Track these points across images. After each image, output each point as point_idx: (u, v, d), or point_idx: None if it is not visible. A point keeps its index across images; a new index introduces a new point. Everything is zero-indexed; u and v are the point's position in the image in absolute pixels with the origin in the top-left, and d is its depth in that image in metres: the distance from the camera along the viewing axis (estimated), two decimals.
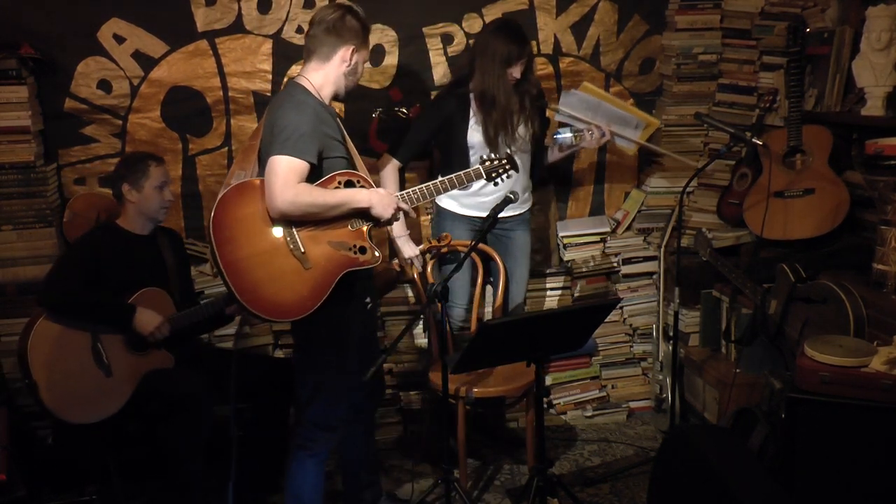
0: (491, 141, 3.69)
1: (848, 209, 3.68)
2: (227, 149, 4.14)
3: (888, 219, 3.22)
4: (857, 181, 3.69)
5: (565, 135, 3.87)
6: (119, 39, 3.94)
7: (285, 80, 4.00)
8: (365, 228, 2.96)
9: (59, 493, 3.62)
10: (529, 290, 4.28)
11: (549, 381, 4.32)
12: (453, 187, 3.15)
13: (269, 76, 4.09)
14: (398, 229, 3.75)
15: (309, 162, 2.80)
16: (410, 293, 4.22)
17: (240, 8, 4.01)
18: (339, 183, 2.91)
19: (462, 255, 3.29)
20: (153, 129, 4.06)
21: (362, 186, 2.95)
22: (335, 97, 3.03)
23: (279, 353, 4.19)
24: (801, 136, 3.82)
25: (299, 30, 4.05)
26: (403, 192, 3.07)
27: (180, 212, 4.11)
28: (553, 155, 4.00)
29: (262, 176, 2.85)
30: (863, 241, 3.57)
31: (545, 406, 4.12)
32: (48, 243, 3.82)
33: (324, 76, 2.97)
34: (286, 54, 4.08)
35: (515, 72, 3.66)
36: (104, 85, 3.97)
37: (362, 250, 2.93)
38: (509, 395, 3.80)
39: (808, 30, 3.98)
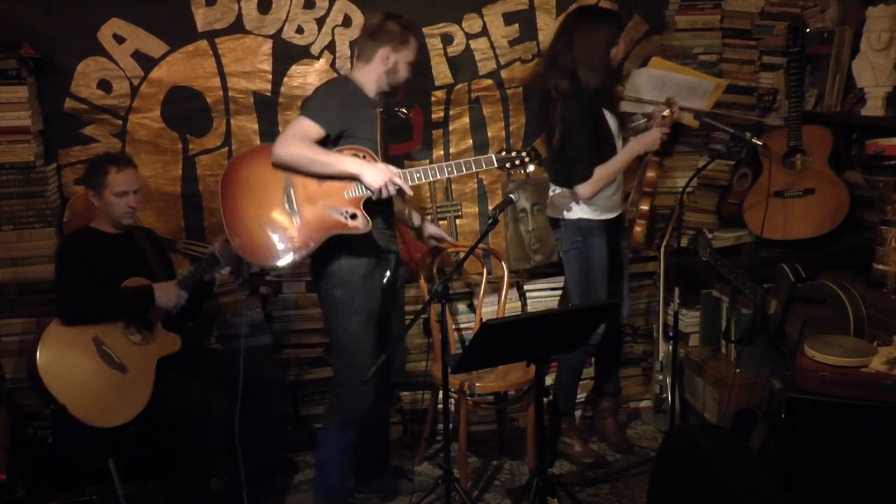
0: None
1: (848, 209, 3.68)
2: (227, 149, 4.14)
3: (888, 219, 3.22)
4: (856, 181, 3.70)
5: (639, 121, 3.85)
6: (119, 39, 3.94)
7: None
8: (360, 197, 3.15)
9: (58, 494, 3.62)
10: (529, 290, 4.29)
11: (549, 381, 4.31)
12: (459, 171, 3.24)
13: (269, 76, 4.09)
14: (416, 219, 3.73)
15: (322, 127, 3.12)
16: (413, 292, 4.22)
17: (240, 8, 4.01)
18: (349, 154, 3.17)
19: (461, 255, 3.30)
20: (153, 129, 4.06)
21: (369, 161, 3.16)
22: (381, 93, 3.33)
23: (281, 354, 4.18)
24: (801, 136, 3.82)
25: (299, 30, 4.06)
26: (406, 170, 3.20)
27: (180, 211, 4.11)
28: None
29: None
30: (863, 242, 3.57)
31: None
32: (48, 243, 3.82)
33: (366, 74, 3.30)
34: (286, 54, 4.08)
35: (619, 52, 3.67)
36: (104, 85, 3.97)
37: (353, 217, 3.14)
38: (510, 388, 3.84)
39: (808, 30, 3.98)
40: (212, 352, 3.91)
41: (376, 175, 3.10)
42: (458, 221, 4.35)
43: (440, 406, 3.68)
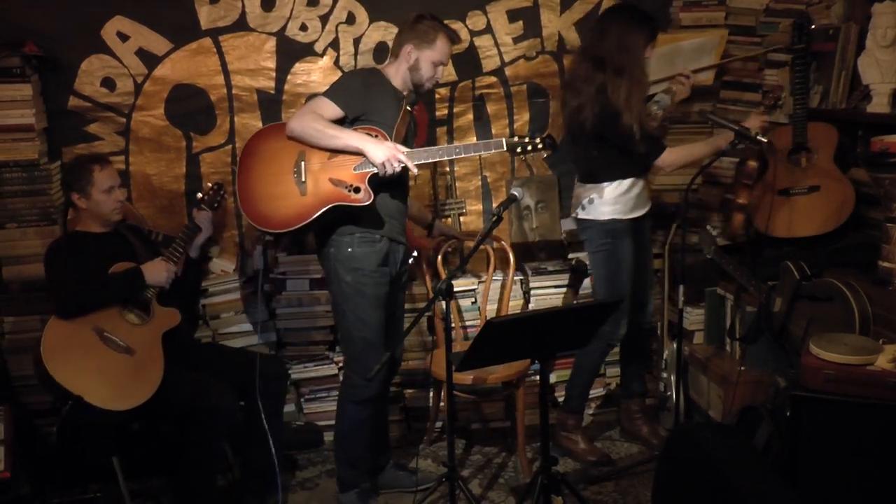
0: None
1: (853, 206, 3.66)
2: (230, 146, 4.14)
3: (894, 216, 3.20)
4: (862, 178, 3.68)
5: (663, 97, 3.82)
6: (123, 37, 3.95)
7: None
8: (367, 173, 3.23)
9: (62, 491, 3.63)
10: (533, 287, 4.28)
11: (553, 378, 4.31)
12: (467, 153, 3.41)
13: (273, 73, 4.09)
14: (428, 216, 3.82)
15: (340, 107, 3.25)
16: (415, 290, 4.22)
17: (243, 5, 4.01)
18: (363, 133, 3.27)
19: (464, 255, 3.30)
20: (157, 126, 4.06)
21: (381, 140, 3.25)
22: (409, 89, 3.41)
23: (285, 351, 4.19)
24: (807, 134, 3.80)
25: (303, 27, 4.06)
26: (413, 149, 3.30)
27: (184, 209, 4.11)
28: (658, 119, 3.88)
29: None
30: (868, 239, 3.56)
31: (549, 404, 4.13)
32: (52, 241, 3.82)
33: (393, 69, 3.40)
34: (290, 52, 4.08)
35: (649, 53, 3.66)
36: (108, 83, 3.98)
37: (357, 190, 3.24)
38: (504, 380, 3.83)
39: (813, 26, 3.96)
40: (216, 347, 3.90)
41: (380, 151, 3.18)
42: (462, 219, 4.35)
43: (442, 404, 3.68)
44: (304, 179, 3.28)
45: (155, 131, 4.07)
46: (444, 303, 3.05)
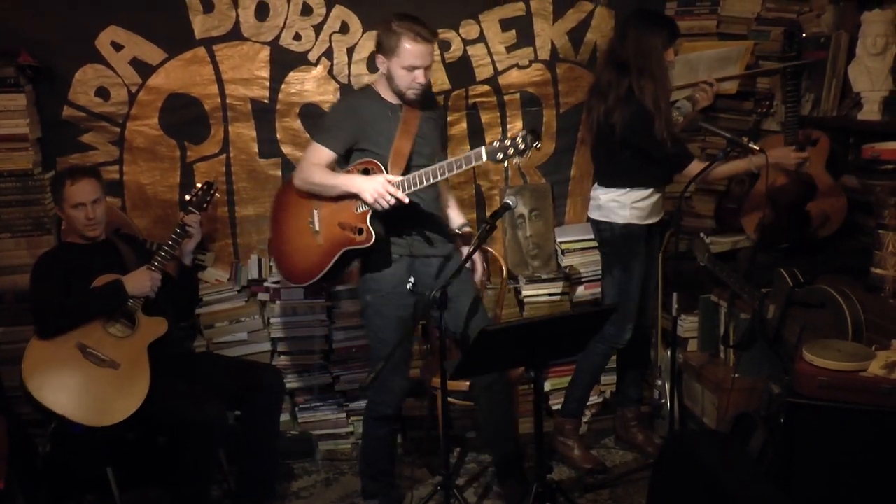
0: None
1: (845, 213, 3.69)
2: (224, 156, 4.14)
3: (885, 223, 3.22)
4: (854, 185, 3.70)
5: (684, 104, 3.83)
6: (117, 47, 3.95)
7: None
8: (368, 213, 3.21)
9: (57, 502, 3.61)
10: (527, 295, 4.28)
11: (548, 386, 4.32)
12: (451, 171, 3.13)
13: (267, 83, 4.10)
14: (454, 223, 3.65)
15: (331, 148, 3.27)
16: None
17: (237, 15, 4.02)
18: (357, 170, 3.27)
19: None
20: (151, 136, 4.06)
21: (375, 174, 3.20)
22: (399, 96, 3.32)
23: (279, 360, 4.18)
24: (799, 141, 3.82)
25: (297, 37, 4.06)
26: (402, 177, 3.19)
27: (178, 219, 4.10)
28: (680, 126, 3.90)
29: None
30: (860, 245, 3.58)
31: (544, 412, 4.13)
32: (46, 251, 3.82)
33: (380, 82, 3.36)
34: (284, 61, 4.09)
35: (670, 55, 3.65)
36: (102, 92, 3.98)
37: (360, 231, 3.23)
38: None
39: (804, 35, 3.99)
40: (211, 357, 3.90)
41: (371, 189, 3.14)
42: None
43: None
44: (317, 229, 3.34)
45: (149, 141, 4.07)
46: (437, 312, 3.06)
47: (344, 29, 4.09)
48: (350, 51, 4.11)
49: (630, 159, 3.66)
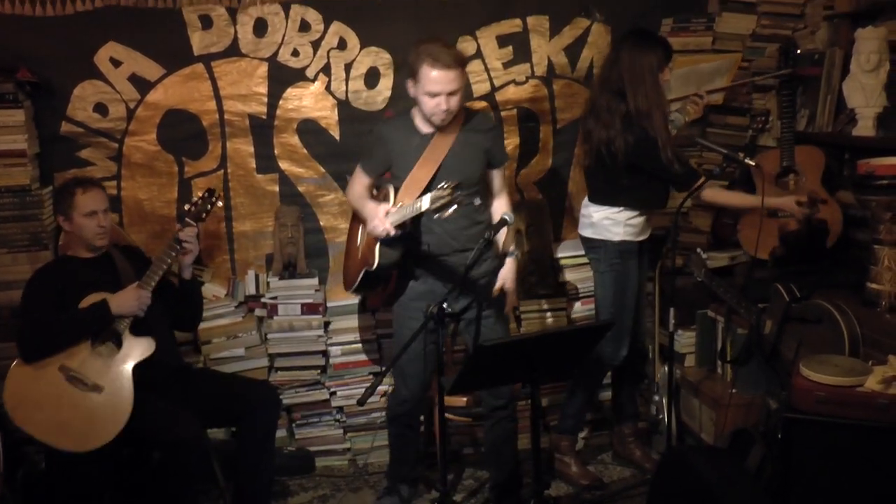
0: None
1: (841, 228, 3.70)
2: (222, 171, 4.15)
3: (881, 238, 3.23)
4: (849, 201, 3.71)
5: (677, 116, 3.84)
6: (116, 63, 3.96)
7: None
8: (375, 239, 3.37)
9: None
10: (524, 311, 4.29)
11: (545, 402, 4.31)
12: (407, 212, 3.19)
13: (265, 99, 4.11)
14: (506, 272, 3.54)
15: (367, 173, 3.48)
16: None
17: (236, 31, 4.04)
18: (379, 196, 3.50)
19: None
20: (149, 152, 4.07)
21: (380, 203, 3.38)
22: (430, 123, 3.32)
23: (277, 376, 4.17)
24: (794, 157, 3.84)
25: (295, 53, 4.08)
26: (398, 206, 3.28)
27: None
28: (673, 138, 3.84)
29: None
30: (856, 260, 3.58)
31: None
32: None
33: (415, 108, 3.38)
34: (281, 77, 4.10)
35: (666, 75, 3.65)
36: (100, 108, 3.99)
37: (372, 254, 3.40)
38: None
39: (798, 51, 4.01)
40: (207, 373, 3.86)
41: (370, 220, 3.31)
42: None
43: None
44: (359, 244, 3.60)
45: (147, 156, 4.07)
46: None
47: (342, 45, 4.11)
48: (348, 67, 4.12)
49: (631, 181, 3.66)
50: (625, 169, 3.61)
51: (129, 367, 3.27)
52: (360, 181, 3.50)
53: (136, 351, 3.30)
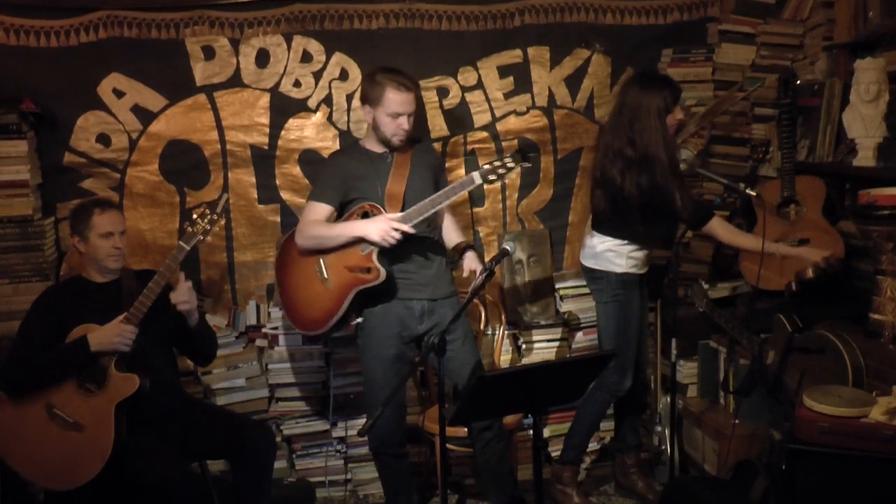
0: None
1: (843, 259, 3.69)
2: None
3: (883, 268, 3.23)
4: (851, 231, 3.71)
5: (688, 154, 3.86)
6: (119, 94, 3.99)
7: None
8: (373, 252, 3.40)
9: None
10: (525, 341, 4.27)
11: (547, 433, 4.29)
12: (448, 199, 3.39)
13: (267, 129, 4.13)
14: (451, 240, 3.74)
15: (327, 203, 3.46)
16: None
17: (238, 62, 4.06)
18: (357, 215, 3.46)
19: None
20: (151, 182, 4.08)
21: (375, 215, 3.42)
22: (385, 144, 3.51)
23: (277, 407, 4.15)
24: (795, 187, 3.85)
25: (296, 83, 4.11)
26: (402, 213, 3.41)
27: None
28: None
29: None
30: (858, 291, 3.58)
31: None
32: None
33: (367, 135, 3.59)
34: (283, 108, 4.13)
35: (678, 113, 3.66)
36: (103, 139, 4.01)
37: (368, 270, 3.39)
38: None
39: (798, 82, 4.04)
40: (207, 408, 3.75)
41: (375, 229, 3.34)
42: (454, 273, 4.35)
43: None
44: (326, 276, 3.47)
45: (149, 187, 4.09)
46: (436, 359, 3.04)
47: (343, 76, 4.14)
48: (349, 97, 4.15)
49: (650, 227, 3.65)
50: (639, 213, 3.60)
51: (111, 405, 3.17)
52: (318, 214, 3.47)
53: (119, 389, 3.18)
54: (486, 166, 3.37)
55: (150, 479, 3.11)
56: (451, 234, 3.75)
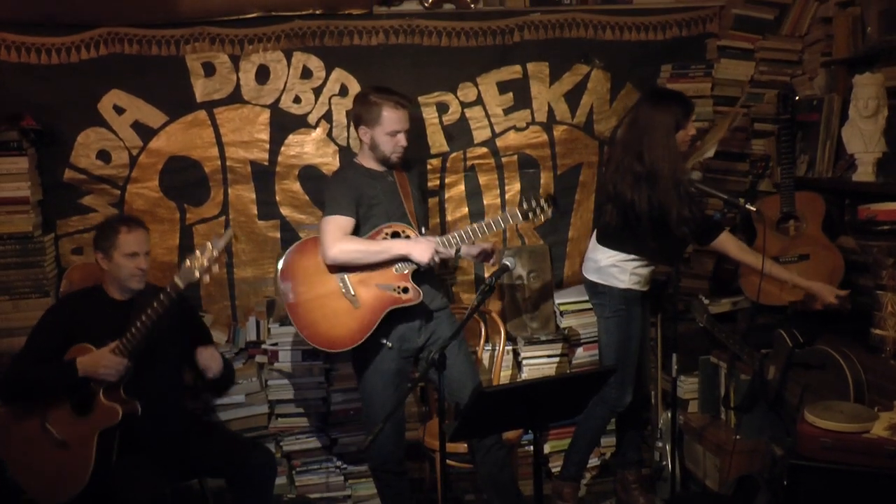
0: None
1: (843, 274, 3.69)
2: (224, 218, 4.16)
3: (884, 283, 3.23)
4: (850, 246, 3.71)
5: (696, 174, 3.86)
6: (119, 110, 4.00)
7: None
8: (408, 271, 3.44)
9: None
10: (525, 357, 4.27)
11: (547, 448, 4.27)
12: (490, 230, 3.52)
13: (267, 145, 4.14)
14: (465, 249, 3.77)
15: (346, 214, 3.40)
16: None
17: (238, 78, 4.07)
18: (386, 234, 3.46)
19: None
20: (151, 198, 4.08)
21: (406, 237, 3.45)
22: (383, 162, 3.54)
23: (277, 423, 4.14)
24: (794, 202, 3.85)
25: (296, 100, 4.12)
26: (442, 237, 3.48)
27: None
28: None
29: None
30: (859, 306, 3.58)
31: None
32: None
33: (363, 153, 3.59)
34: (283, 124, 4.13)
35: (691, 130, 3.64)
36: (103, 155, 4.01)
37: (405, 290, 3.44)
38: None
39: (797, 97, 4.05)
40: (204, 430, 3.66)
41: (423, 251, 3.39)
42: (453, 288, 4.36)
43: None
44: (353, 293, 3.43)
45: (149, 203, 4.09)
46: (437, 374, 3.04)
47: (343, 92, 4.15)
48: (349, 113, 4.15)
49: (654, 235, 3.64)
50: (650, 228, 3.60)
51: (94, 432, 3.15)
52: (345, 228, 3.42)
53: (102, 418, 3.15)
54: (525, 205, 3.53)
55: (124, 499, 3.09)
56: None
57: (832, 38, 3.98)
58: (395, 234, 3.47)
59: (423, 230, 3.58)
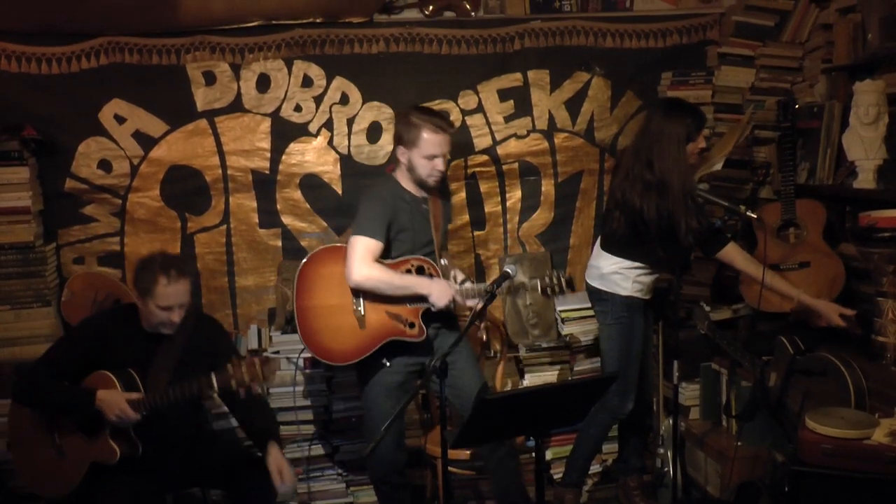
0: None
1: (844, 282, 3.69)
2: (225, 227, 4.17)
3: (884, 290, 3.23)
4: (851, 253, 3.71)
5: (704, 187, 3.87)
6: (120, 120, 4.01)
7: None
8: (421, 308, 3.39)
9: None
10: (527, 364, 4.27)
11: (549, 455, 4.27)
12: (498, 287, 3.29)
13: (268, 154, 4.15)
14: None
15: (377, 238, 3.34)
16: None
17: (239, 87, 4.08)
18: (412, 267, 3.42)
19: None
20: (152, 207, 4.09)
21: (430, 274, 3.41)
22: (420, 185, 3.46)
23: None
24: (795, 210, 3.85)
25: (297, 108, 4.13)
26: (463, 286, 3.46)
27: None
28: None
29: None
30: (860, 313, 3.57)
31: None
32: (46, 323, 3.83)
33: (401, 173, 3.49)
34: (284, 132, 4.14)
35: (701, 142, 3.64)
36: (104, 165, 4.02)
37: (412, 325, 3.41)
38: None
39: (797, 105, 4.05)
40: (209, 444, 3.60)
41: (441, 296, 3.35)
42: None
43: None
44: (363, 312, 3.41)
45: (150, 212, 4.10)
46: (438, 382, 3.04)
47: (344, 100, 4.16)
48: (350, 122, 4.17)
49: (661, 243, 3.63)
50: (658, 236, 3.59)
51: (87, 461, 3.16)
52: (371, 252, 3.36)
53: (98, 451, 3.14)
54: (546, 280, 3.50)
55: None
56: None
57: (833, 44, 3.98)
58: (420, 269, 3.42)
59: (442, 261, 3.54)
